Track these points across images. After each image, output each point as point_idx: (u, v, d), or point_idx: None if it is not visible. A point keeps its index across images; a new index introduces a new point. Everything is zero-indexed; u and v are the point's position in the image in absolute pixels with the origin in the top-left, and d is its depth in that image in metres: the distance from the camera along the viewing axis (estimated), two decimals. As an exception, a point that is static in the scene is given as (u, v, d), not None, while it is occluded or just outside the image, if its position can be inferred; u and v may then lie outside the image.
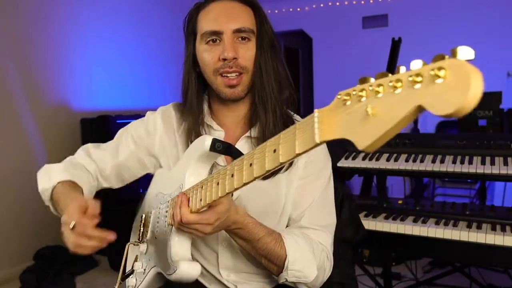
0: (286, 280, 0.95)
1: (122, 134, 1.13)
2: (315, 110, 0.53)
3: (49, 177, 1.04)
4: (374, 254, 2.78)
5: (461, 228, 1.53)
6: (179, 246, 0.88)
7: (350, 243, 1.21)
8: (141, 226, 1.01)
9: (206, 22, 0.97)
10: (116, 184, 1.13)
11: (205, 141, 0.81)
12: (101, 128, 3.35)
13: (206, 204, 0.77)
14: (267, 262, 0.94)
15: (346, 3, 5.03)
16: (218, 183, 0.73)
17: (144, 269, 0.99)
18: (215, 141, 0.80)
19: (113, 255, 2.86)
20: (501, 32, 4.23)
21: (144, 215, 1.04)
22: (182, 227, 0.82)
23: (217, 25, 0.95)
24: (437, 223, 1.59)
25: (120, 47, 3.92)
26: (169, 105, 1.14)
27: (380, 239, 1.66)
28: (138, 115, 4.35)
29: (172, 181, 0.94)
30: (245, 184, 0.66)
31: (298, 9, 5.28)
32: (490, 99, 2.32)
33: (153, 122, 1.10)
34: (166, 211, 0.92)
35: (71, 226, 0.80)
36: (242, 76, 0.97)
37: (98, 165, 1.10)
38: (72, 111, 3.45)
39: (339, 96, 0.51)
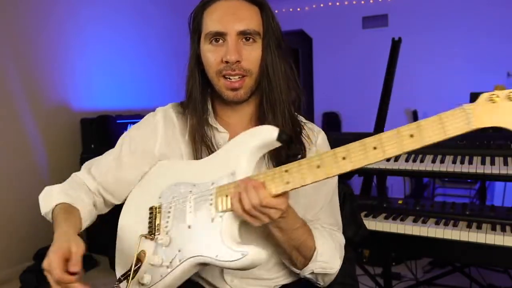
0: (312, 272, 0.96)
1: (122, 143, 1.08)
2: (465, 105, 0.70)
3: (48, 200, 1.02)
4: (374, 254, 2.79)
5: (461, 228, 1.53)
6: (234, 232, 0.85)
7: (351, 243, 1.21)
8: (154, 218, 0.94)
9: (211, 21, 0.96)
10: (123, 199, 1.08)
11: (271, 131, 0.83)
12: (101, 128, 3.35)
13: (292, 189, 0.80)
14: (296, 254, 0.94)
15: (346, 3, 5.03)
16: (305, 170, 0.79)
17: (170, 262, 0.89)
18: (281, 132, 0.82)
19: (114, 255, 2.85)
20: (501, 32, 4.23)
21: (155, 207, 0.96)
22: (254, 210, 0.80)
23: (221, 25, 0.94)
24: (437, 223, 1.59)
25: (120, 47, 3.92)
26: (168, 106, 1.11)
27: (380, 239, 1.66)
28: (138, 115, 4.36)
29: (208, 170, 0.91)
30: (334, 175, 0.77)
31: (298, 9, 5.28)
32: (490, 99, 2.32)
33: (153, 125, 1.07)
34: (210, 199, 0.88)
35: (50, 280, 0.79)
36: (245, 78, 0.96)
37: (99, 180, 1.05)
38: (72, 111, 3.45)
39: (484, 97, 0.68)
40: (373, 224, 1.66)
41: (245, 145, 0.88)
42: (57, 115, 3.35)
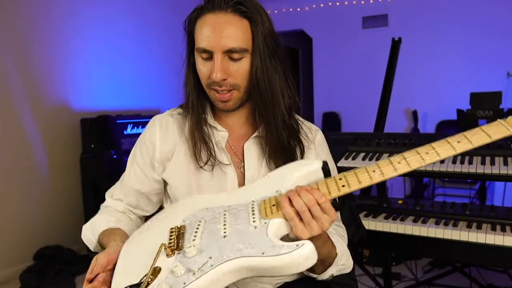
0: (332, 276, 0.96)
1: (132, 162, 1.12)
2: (499, 121, 0.87)
3: (94, 231, 1.06)
4: (374, 254, 2.78)
5: (461, 228, 1.53)
6: (279, 237, 0.83)
7: (350, 243, 1.21)
8: (177, 235, 0.89)
9: (200, 37, 0.96)
10: (152, 209, 1.15)
11: (315, 164, 0.88)
12: (101, 128, 3.35)
13: (346, 192, 0.82)
14: (317, 264, 0.88)
15: (346, 3, 5.03)
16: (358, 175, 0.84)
17: (199, 268, 0.79)
18: (325, 164, 0.88)
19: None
20: (501, 32, 4.24)
21: (178, 226, 0.92)
22: (307, 213, 0.79)
23: (208, 44, 0.94)
24: (437, 223, 1.59)
25: (120, 47, 3.92)
26: (165, 112, 1.13)
27: (380, 239, 1.66)
28: (138, 115, 4.36)
29: (245, 194, 0.93)
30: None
31: (298, 9, 5.28)
32: (490, 99, 2.32)
33: (149, 135, 1.09)
34: (252, 209, 0.87)
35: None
36: (233, 92, 0.98)
37: (125, 202, 1.12)
38: (72, 111, 3.46)
39: None
40: (373, 224, 1.66)
41: (290, 173, 0.90)
42: (57, 115, 3.35)
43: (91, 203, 3.34)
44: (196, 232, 0.87)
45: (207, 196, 1.00)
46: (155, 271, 0.81)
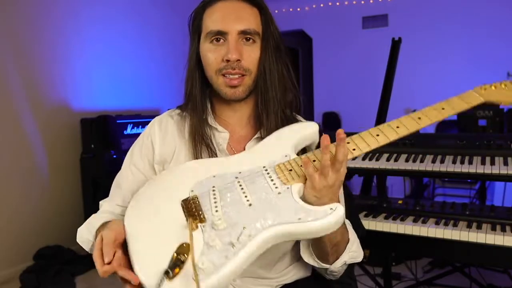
0: (345, 263, 0.96)
1: (128, 165, 1.08)
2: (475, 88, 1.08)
3: (91, 230, 0.98)
4: (374, 254, 2.78)
5: (461, 228, 1.53)
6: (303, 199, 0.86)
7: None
8: (195, 207, 0.85)
9: (212, 21, 0.97)
10: None
11: (314, 126, 0.98)
12: (101, 128, 3.35)
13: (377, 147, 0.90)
14: (332, 250, 0.93)
15: (346, 3, 5.03)
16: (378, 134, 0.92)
17: (237, 239, 0.78)
18: (319, 125, 0.98)
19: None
20: (501, 32, 4.24)
21: (192, 197, 0.88)
22: (337, 165, 0.83)
23: (222, 25, 0.95)
24: (437, 223, 1.59)
25: (120, 47, 3.92)
26: (164, 114, 1.12)
27: (380, 239, 1.66)
28: (138, 115, 4.35)
29: (253, 159, 0.93)
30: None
31: (298, 9, 5.28)
32: (490, 99, 2.31)
33: (149, 136, 1.07)
34: (269, 176, 0.88)
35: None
36: (244, 77, 0.98)
37: (122, 206, 1.06)
38: (72, 111, 3.46)
39: (497, 84, 1.06)
40: (373, 224, 1.66)
41: (291, 135, 0.96)
42: (57, 115, 3.35)
43: (91, 203, 3.34)
44: (215, 202, 0.85)
45: (204, 162, 0.98)
46: (183, 248, 0.78)
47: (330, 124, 5.14)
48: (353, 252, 0.98)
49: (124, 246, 0.82)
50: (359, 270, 2.36)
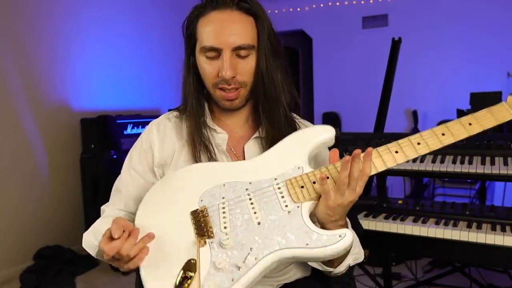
0: (349, 266, 0.96)
1: (127, 169, 1.07)
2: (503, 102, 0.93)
3: (97, 235, 0.97)
4: (374, 254, 2.78)
5: (461, 228, 1.53)
6: (312, 221, 0.84)
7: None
8: (203, 221, 0.85)
9: (206, 35, 0.95)
10: None
11: (331, 130, 0.96)
12: (101, 128, 3.35)
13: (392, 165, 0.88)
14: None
15: (346, 3, 5.03)
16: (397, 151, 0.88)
17: (243, 262, 0.79)
18: (336, 131, 0.95)
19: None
20: (501, 32, 4.23)
21: (201, 210, 0.87)
22: (355, 182, 0.83)
23: (216, 41, 0.93)
24: (437, 223, 1.59)
25: (120, 47, 3.92)
26: (161, 116, 1.12)
27: (380, 239, 1.66)
28: (138, 115, 4.35)
29: (263, 167, 0.91)
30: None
31: (298, 9, 5.28)
32: (490, 99, 2.32)
33: (147, 140, 1.06)
34: (280, 192, 0.86)
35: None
36: (240, 90, 0.98)
37: (124, 211, 1.06)
38: (72, 111, 3.46)
39: None
40: (373, 224, 1.66)
41: (307, 141, 0.93)
42: (57, 115, 3.35)
43: (91, 203, 3.34)
44: (224, 217, 0.85)
45: (214, 166, 0.96)
46: (191, 265, 0.78)
47: (330, 124, 5.12)
48: (356, 254, 0.98)
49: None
50: (359, 270, 2.36)
